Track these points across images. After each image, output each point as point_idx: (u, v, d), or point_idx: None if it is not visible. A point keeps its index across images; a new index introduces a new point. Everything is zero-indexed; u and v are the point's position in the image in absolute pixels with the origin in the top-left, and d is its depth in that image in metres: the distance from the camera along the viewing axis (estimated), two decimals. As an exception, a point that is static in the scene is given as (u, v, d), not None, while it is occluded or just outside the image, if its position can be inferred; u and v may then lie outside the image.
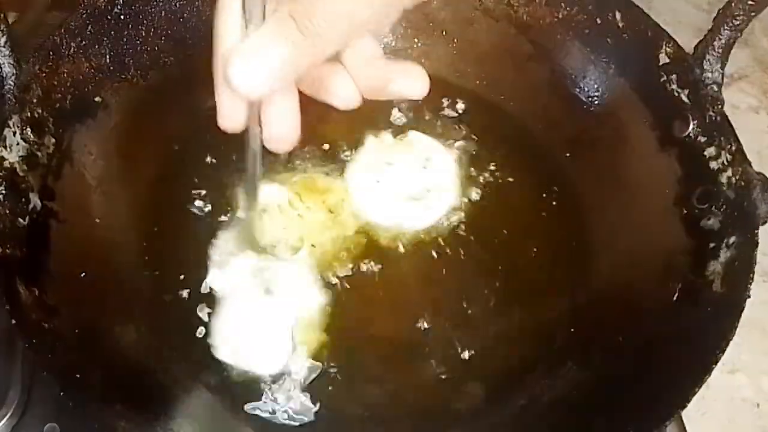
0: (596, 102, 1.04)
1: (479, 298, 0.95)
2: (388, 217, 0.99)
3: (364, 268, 0.95)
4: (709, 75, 0.89)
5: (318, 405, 0.86)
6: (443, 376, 0.89)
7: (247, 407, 0.86)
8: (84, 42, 0.93)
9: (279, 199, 1.00)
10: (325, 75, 0.66)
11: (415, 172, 1.02)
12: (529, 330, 0.93)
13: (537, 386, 0.89)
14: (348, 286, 0.94)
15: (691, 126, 0.91)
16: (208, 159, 1.03)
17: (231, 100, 0.64)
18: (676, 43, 0.94)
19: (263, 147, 0.69)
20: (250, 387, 0.87)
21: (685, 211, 0.91)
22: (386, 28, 0.64)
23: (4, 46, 0.83)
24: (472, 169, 1.04)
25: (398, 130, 1.06)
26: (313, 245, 0.96)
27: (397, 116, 1.08)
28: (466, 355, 0.90)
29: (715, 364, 0.76)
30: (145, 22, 1.00)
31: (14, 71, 0.84)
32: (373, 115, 1.06)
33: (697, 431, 0.95)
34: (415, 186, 1.01)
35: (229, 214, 0.98)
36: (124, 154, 0.97)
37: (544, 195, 1.03)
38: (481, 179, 1.04)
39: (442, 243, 0.98)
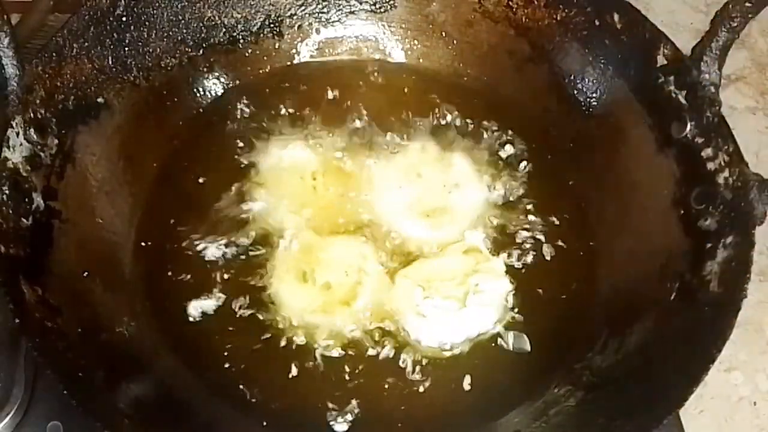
0: (594, 103, 1.04)
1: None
2: (394, 222, 0.99)
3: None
4: (707, 76, 0.90)
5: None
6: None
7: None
8: (86, 43, 0.94)
9: (307, 164, 1.02)
10: None
11: (439, 192, 1.02)
12: (527, 332, 0.93)
13: (536, 387, 0.90)
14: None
15: (688, 127, 0.92)
16: (210, 159, 1.03)
17: None
18: (674, 44, 0.94)
19: None
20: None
21: (682, 212, 0.91)
22: None
23: (7, 47, 0.83)
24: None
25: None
26: (308, 219, 0.98)
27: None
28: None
29: (712, 362, 0.76)
30: (147, 23, 1.01)
31: (17, 72, 0.85)
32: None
33: (695, 429, 0.95)
34: (433, 204, 1.01)
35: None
36: (126, 155, 0.98)
37: (543, 195, 1.03)
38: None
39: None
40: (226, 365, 0.89)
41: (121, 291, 0.91)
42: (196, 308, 0.92)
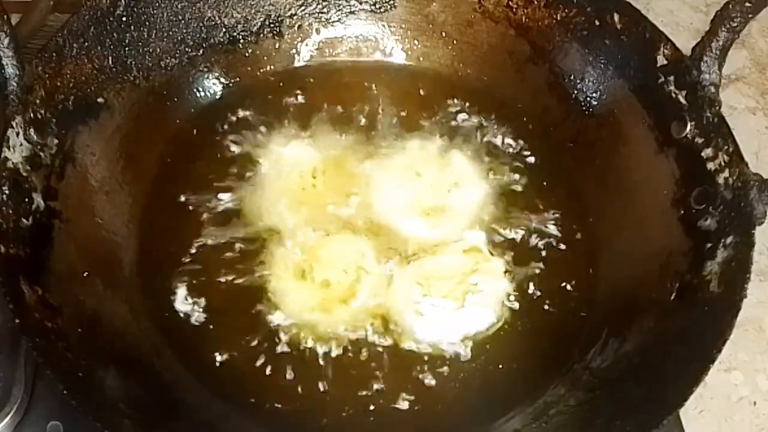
0: (595, 103, 1.05)
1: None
2: (393, 220, 0.99)
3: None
4: (707, 76, 0.90)
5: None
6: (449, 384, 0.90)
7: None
8: (86, 43, 0.94)
9: (306, 163, 1.02)
10: None
11: (439, 191, 1.02)
12: (527, 332, 0.93)
13: (536, 387, 0.90)
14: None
15: (688, 127, 0.92)
16: (209, 159, 1.03)
17: None
18: (674, 44, 0.94)
19: None
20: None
21: (682, 212, 0.91)
22: None
23: (7, 47, 0.83)
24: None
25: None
26: (307, 217, 0.98)
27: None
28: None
29: (713, 363, 0.76)
30: (146, 23, 1.01)
31: (17, 72, 0.85)
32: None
33: (695, 429, 0.96)
34: (433, 203, 1.01)
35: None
36: (126, 155, 0.98)
37: (543, 195, 1.03)
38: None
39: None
40: (226, 365, 0.89)
41: (121, 291, 0.91)
42: (196, 308, 0.92)
